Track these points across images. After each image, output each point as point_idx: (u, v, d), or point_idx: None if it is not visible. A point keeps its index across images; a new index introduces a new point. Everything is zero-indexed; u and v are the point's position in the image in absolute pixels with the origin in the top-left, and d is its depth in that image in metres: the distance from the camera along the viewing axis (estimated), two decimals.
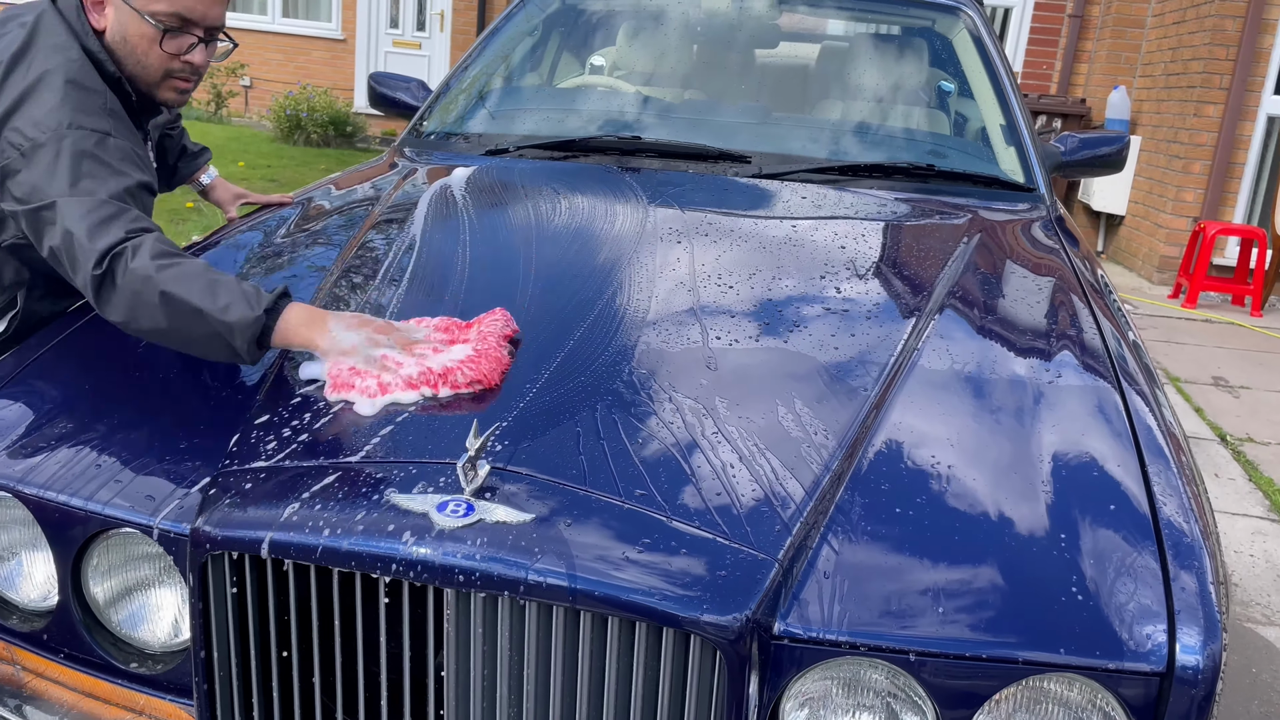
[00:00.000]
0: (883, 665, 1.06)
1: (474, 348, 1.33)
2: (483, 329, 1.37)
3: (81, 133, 1.47)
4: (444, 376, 1.29)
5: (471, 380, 1.29)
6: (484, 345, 1.34)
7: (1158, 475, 1.25)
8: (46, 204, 1.42)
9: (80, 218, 1.39)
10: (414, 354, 1.33)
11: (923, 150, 2.42)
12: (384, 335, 1.35)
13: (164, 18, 1.56)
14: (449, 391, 1.28)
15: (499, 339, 1.37)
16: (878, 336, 1.50)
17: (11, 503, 1.26)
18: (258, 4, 11.92)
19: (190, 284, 1.33)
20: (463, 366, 1.30)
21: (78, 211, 1.39)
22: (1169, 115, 7.25)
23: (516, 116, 2.60)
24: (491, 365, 1.31)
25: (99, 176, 1.44)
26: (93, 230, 1.38)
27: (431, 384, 1.29)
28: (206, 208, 6.58)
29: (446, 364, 1.30)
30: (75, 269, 1.39)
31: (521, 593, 1.04)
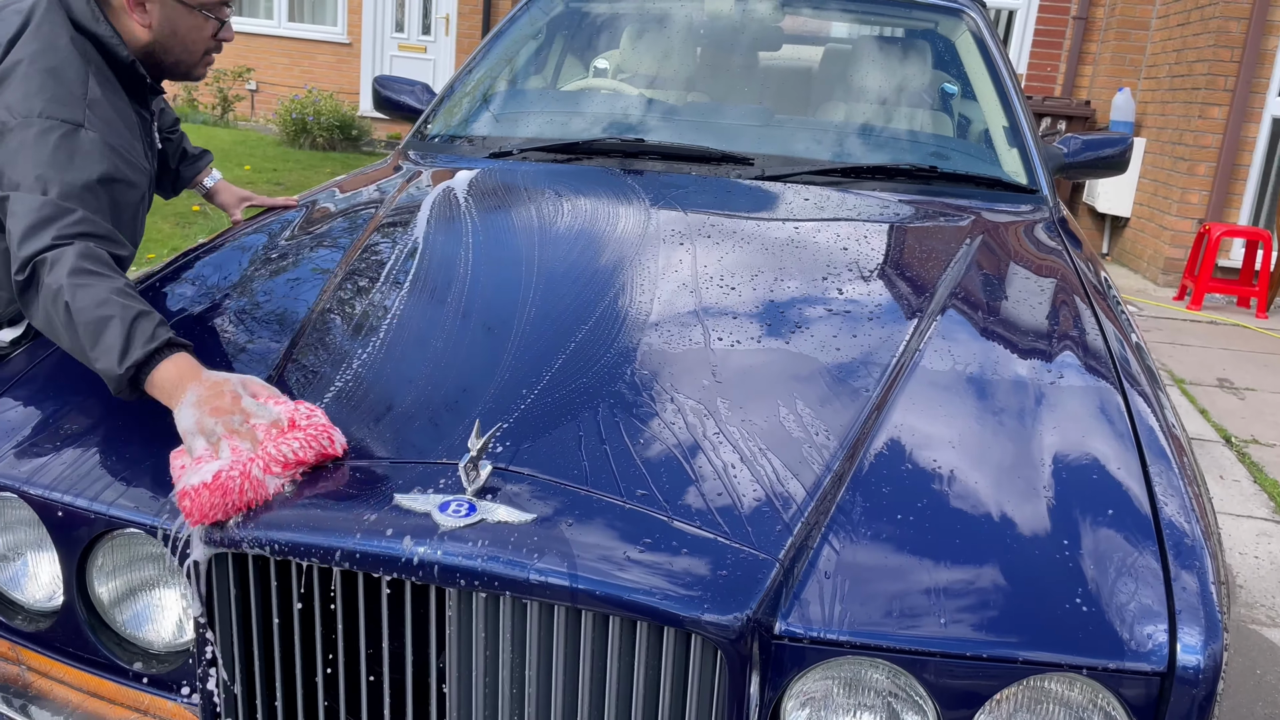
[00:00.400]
0: (883, 665, 1.06)
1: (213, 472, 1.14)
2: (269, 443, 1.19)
3: (51, 123, 1.46)
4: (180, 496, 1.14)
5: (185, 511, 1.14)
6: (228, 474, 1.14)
7: (1159, 476, 1.25)
8: (2, 196, 1.42)
9: (21, 216, 1.38)
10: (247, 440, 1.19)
11: (925, 152, 2.43)
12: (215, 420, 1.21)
13: (212, 7, 1.64)
14: None
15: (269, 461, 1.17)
16: (880, 338, 1.51)
17: (16, 503, 1.27)
18: (264, 8, 11.96)
19: (83, 314, 1.29)
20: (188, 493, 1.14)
21: (21, 209, 1.39)
22: (1173, 117, 7.24)
23: (520, 119, 2.61)
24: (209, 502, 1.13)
25: (59, 169, 1.42)
26: (26, 233, 1.36)
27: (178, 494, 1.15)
28: (213, 211, 6.61)
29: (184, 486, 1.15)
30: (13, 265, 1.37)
31: (523, 592, 1.05)
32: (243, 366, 1.43)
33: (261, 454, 1.16)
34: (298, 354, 1.44)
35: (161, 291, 1.69)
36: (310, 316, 1.55)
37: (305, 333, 1.50)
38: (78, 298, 1.30)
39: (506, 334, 1.46)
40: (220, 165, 8.44)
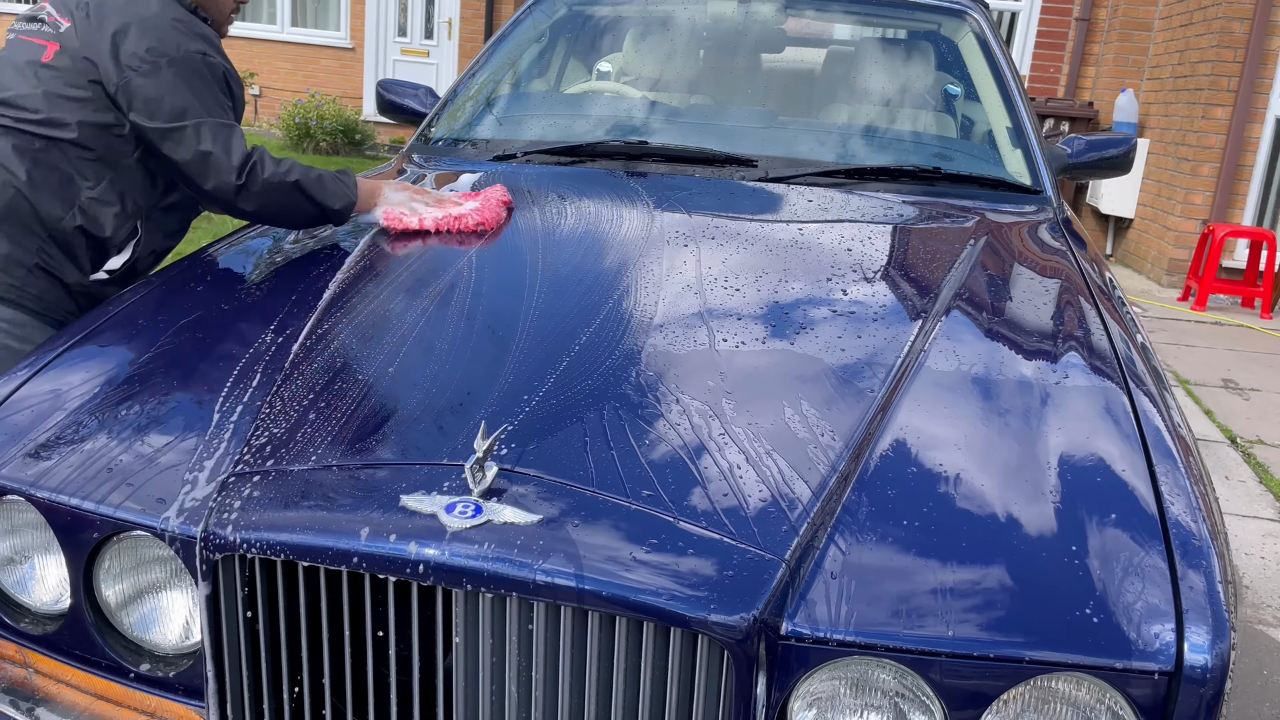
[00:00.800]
0: (890, 665, 1.06)
1: (480, 203, 1.91)
2: (486, 195, 1.95)
3: (192, 55, 1.80)
4: (458, 220, 1.88)
5: (477, 223, 1.87)
6: (486, 203, 1.92)
7: (1165, 475, 1.24)
8: (178, 125, 1.77)
9: (212, 138, 1.78)
10: (440, 207, 1.92)
11: (929, 153, 2.43)
12: (419, 195, 1.95)
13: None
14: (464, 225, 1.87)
15: (498, 202, 1.94)
16: (884, 338, 1.51)
17: (24, 506, 1.28)
18: (267, 14, 11.98)
19: (305, 182, 1.85)
20: (472, 214, 1.89)
21: (209, 133, 1.78)
22: (1177, 118, 7.23)
23: (524, 122, 2.61)
24: (493, 214, 1.90)
25: (211, 94, 1.81)
26: (226, 148, 1.79)
27: (449, 226, 1.88)
28: (217, 216, 6.61)
29: (461, 212, 1.89)
30: (209, 179, 1.79)
31: (530, 593, 1.05)
32: (248, 370, 1.43)
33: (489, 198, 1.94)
34: (303, 357, 1.44)
35: (168, 294, 1.69)
36: (314, 322, 1.55)
37: (311, 336, 1.50)
38: (295, 177, 1.85)
39: (511, 336, 1.46)
40: None
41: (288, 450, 1.23)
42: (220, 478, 1.22)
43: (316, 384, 1.37)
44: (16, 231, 1.80)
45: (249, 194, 1.81)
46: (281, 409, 1.32)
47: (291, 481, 1.18)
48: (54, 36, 1.82)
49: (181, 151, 1.78)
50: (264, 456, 1.23)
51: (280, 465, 1.21)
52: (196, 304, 1.65)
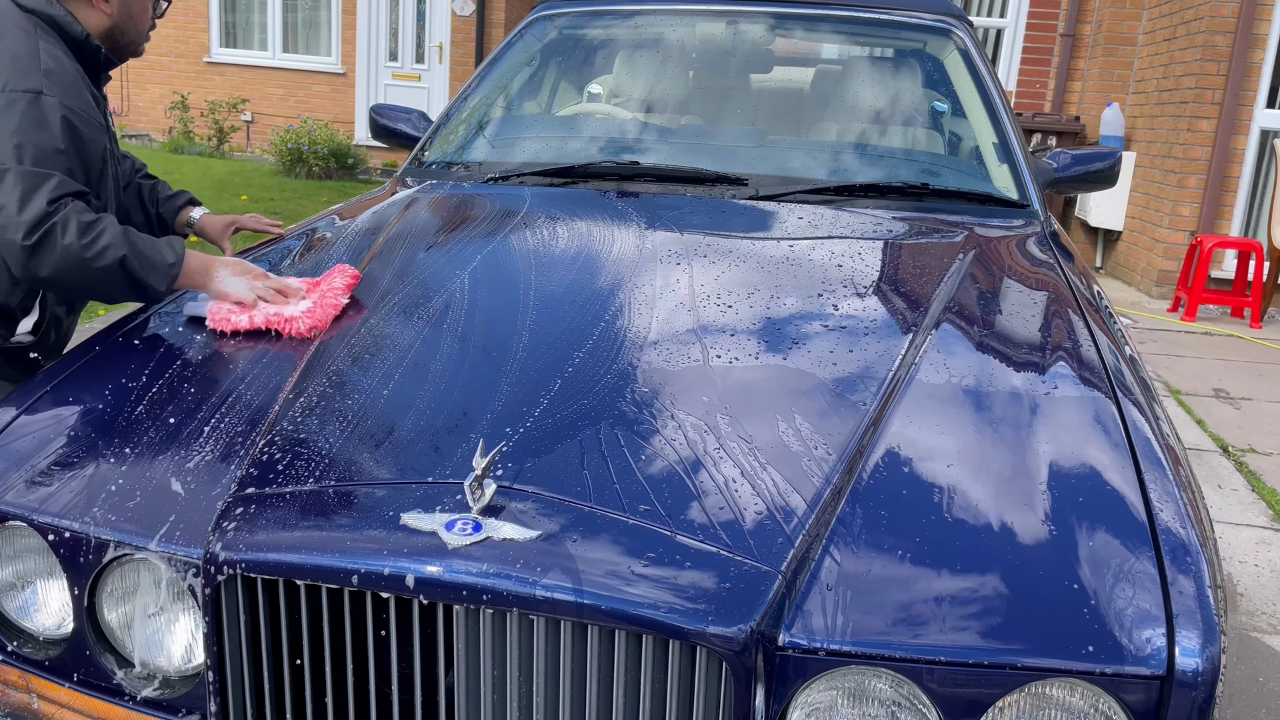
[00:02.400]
0: (887, 674, 1.07)
1: (314, 300, 1.67)
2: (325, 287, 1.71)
3: (14, 94, 1.59)
4: (289, 323, 1.62)
5: (310, 327, 1.61)
6: (322, 297, 1.67)
7: (1154, 483, 1.26)
8: None
9: (10, 188, 1.53)
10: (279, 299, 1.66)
11: (917, 169, 2.46)
12: (260, 281, 1.68)
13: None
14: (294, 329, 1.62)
15: (337, 293, 1.69)
16: (876, 352, 1.53)
17: (26, 532, 1.29)
18: (258, 40, 12.05)
19: (115, 257, 1.57)
20: (303, 316, 1.63)
21: (8, 182, 1.54)
22: (1163, 131, 7.30)
23: (516, 144, 2.64)
24: (325, 313, 1.64)
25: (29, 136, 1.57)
26: (22, 201, 1.53)
27: (279, 326, 1.62)
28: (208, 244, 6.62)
29: (292, 314, 1.63)
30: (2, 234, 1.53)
31: (530, 608, 1.06)
32: (247, 393, 1.45)
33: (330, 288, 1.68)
34: (302, 381, 1.46)
35: (166, 319, 1.71)
36: (313, 344, 1.57)
37: (308, 361, 1.52)
38: (105, 246, 1.56)
39: (507, 356, 1.48)
40: (217, 196, 8.48)
41: (288, 472, 1.25)
42: (221, 500, 1.23)
43: (316, 406, 1.39)
44: None
45: (39, 260, 1.54)
46: (281, 431, 1.33)
47: (292, 502, 1.19)
48: None
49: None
50: (264, 478, 1.24)
51: (280, 487, 1.22)
52: (195, 328, 1.66)
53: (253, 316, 1.62)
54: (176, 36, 12.19)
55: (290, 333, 1.60)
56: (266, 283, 1.68)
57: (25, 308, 1.77)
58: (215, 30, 12.11)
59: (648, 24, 2.89)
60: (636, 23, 2.90)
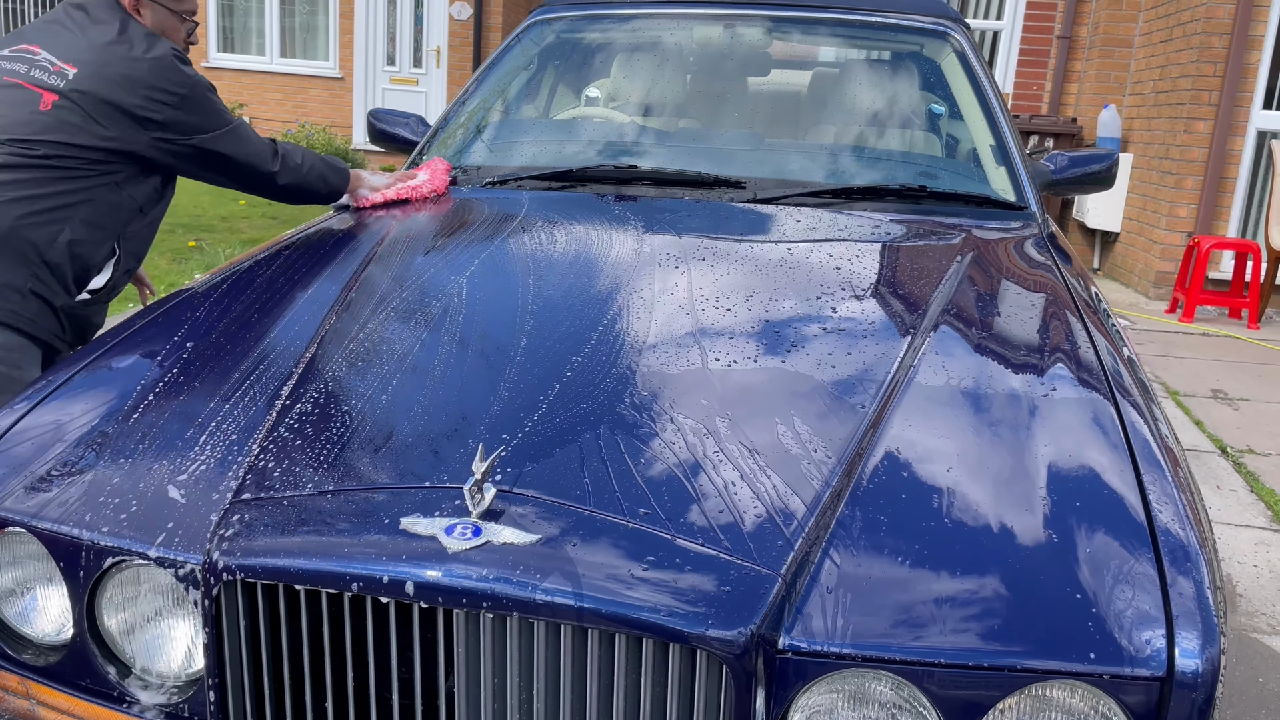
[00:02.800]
0: (887, 676, 1.07)
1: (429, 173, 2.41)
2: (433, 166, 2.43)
3: (203, 83, 2.08)
4: (414, 189, 2.35)
5: (431, 190, 2.37)
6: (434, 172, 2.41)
7: (1153, 485, 1.26)
8: (225, 130, 2.10)
9: (249, 137, 2.15)
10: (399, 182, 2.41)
11: (914, 172, 2.46)
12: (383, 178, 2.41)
13: (190, 13, 2.21)
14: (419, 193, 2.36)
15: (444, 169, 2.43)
16: (874, 355, 1.53)
17: (26, 538, 1.29)
18: (255, 45, 12.06)
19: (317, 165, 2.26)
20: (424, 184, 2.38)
21: (245, 134, 2.14)
22: (1160, 132, 7.32)
23: (514, 149, 2.64)
24: (440, 180, 2.40)
25: (222, 104, 2.12)
26: (259, 144, 2.17)
27: (408, 195, 2.35)
28: (209, 247, 6.63)
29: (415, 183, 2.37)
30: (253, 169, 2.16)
31: (530, 612, 1.06)
32: (247, 398, 1.45)
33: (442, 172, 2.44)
34: (301, 386, 1.46)
35: (164, 325, 1.71)
36: (311, 350, 1.57)
37: (307, 366, 1.52)
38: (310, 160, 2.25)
39: (507, 360, 1.48)
40: (215, 200, 8.49)
41: (287, 477, 1.25)
42: (221, 505, 1.23)
43: (314, 411, 1.39)
44: (12, 259, 1.94)
45: (281, 179, 2.19)
46: (280, 436, 1.33)
47: (291, 507, 1.19)
48: (54, 86, 1.98)
49: (227, 148, 2.11)
50: (264, 483, 1.24)
51: (280, 492, 1.22)
52: (193, 334, 1.66)
53: (384, 193, 2.34)
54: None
55: (417, 196, 2.34)
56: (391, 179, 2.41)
57: (101, 267, 2.10)
58: (213, 35, 12.11)
59: (645, 27, 2.90)
60: (634, 26, 2.91)
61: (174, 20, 2.16)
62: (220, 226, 7.30)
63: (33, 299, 1.98)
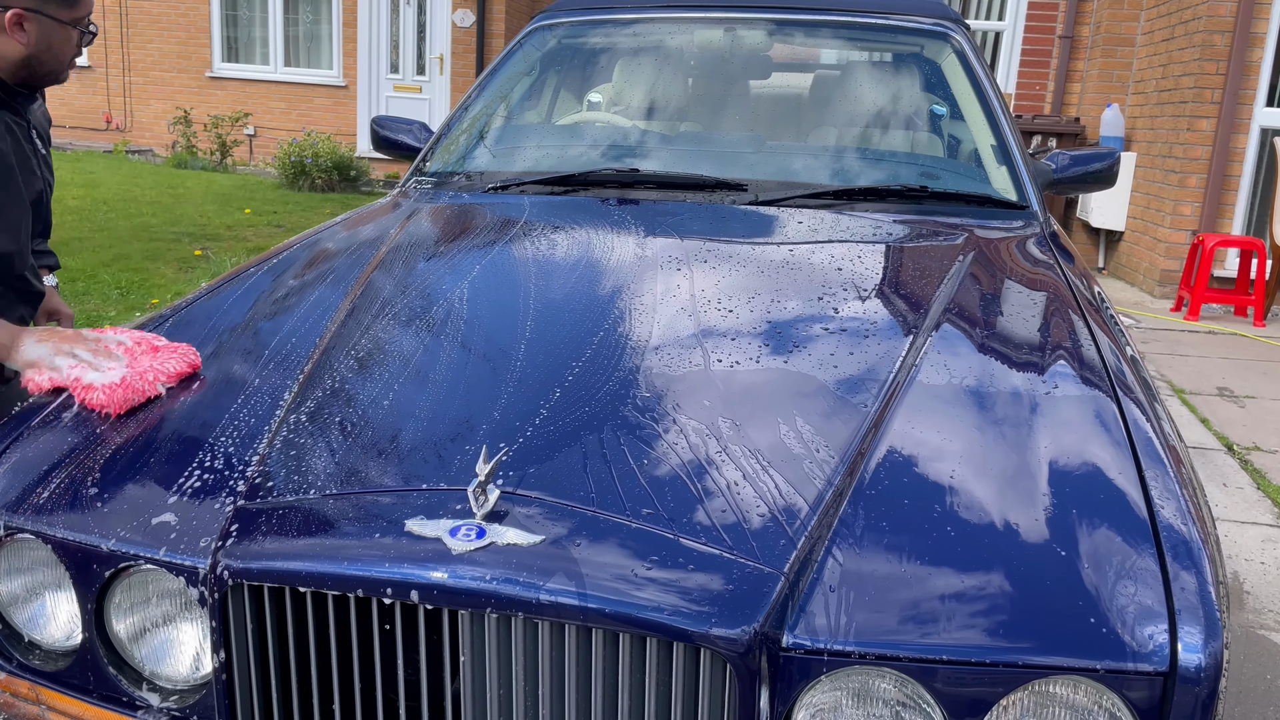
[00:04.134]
0: (891, 674, 1.08)
1: (121, 376, 1.48)
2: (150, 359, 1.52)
3: None
4: (85, 391, 1.47)
5: (101, 405, 1.45)
6: (133, 377, 1.48)
7: (1155, 481, 1.27)
8: None
9: None
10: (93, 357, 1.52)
11: (916, 172, 2.47)
12: (68, 345, 1.55)
13: (82, 21, 1.83)
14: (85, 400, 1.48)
15: (158, 374, 1.50)
16: (877, 354, 1.53)
17: (35, 544, 1.30)
18: (260, 55, 12.11)
19: None
20: (100, 390, 1.46)
21: None
22: (1163, 131, 7.31)
23: (517, 154, 2.65)
24: (125, 397, 1.46)
25: None
26: None
27: (77, 394, 1.48)
28: (214, 256, 6.66)
29: (91, 382, 1.47)
30: None
31: (535, 613, 1.07)
32: (253, 402, 1.46)
33: (153, 366, 1.49)
34: (306, 390, 1.47)
35: (166, 333, 1.72)
36: (316, 354, 1.58)
37: (312, 370, 1.53)
38: None
39: (510, 363, 1.49)
40: (221, 209, 8.52)
41: (292, 480, 1.25)
42: (228, 509, 1.24)
43: (319, 415, 1.40)
44: None
45: None
46: (285, 440, 1.34)
47: (297, 511, 1.20)
48: None
49: None
50: (269, 487, 1.25)
51: (286, 495, 1.23)
52: (198, 340, 1.67)
53: (54, 378, 1.51)
54: (179, 52, 12.26)
55: (85, 402, 1.46)
56: (75, 345, 1.55)
57: None
58: (217, 45, 12.17)
59: (646, 32, 2.91)
60: (635, 31, 2.92)
61: (64, 33, 1.80)
62: (226, 235, 7.33)
63: None
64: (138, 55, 12.40)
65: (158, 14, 12.24)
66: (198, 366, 1.55)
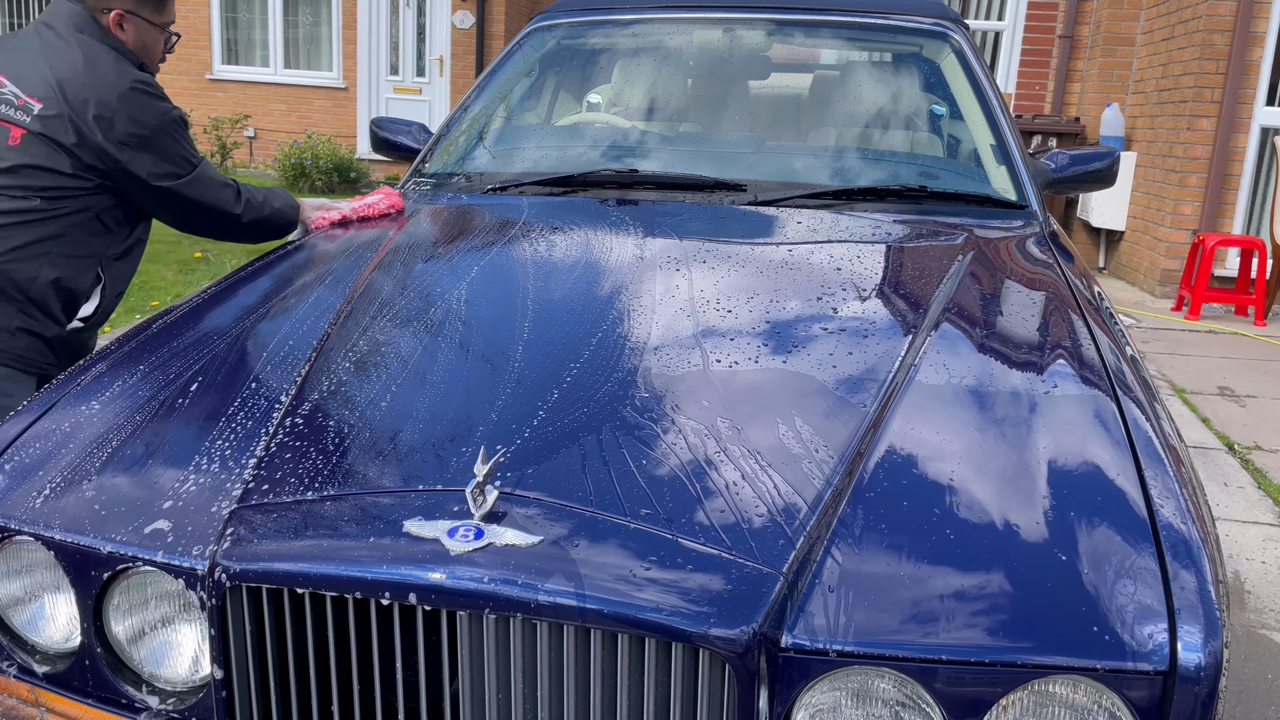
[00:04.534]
0: (890, 674, 1.07)
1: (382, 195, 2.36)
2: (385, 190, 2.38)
3: (167, 117, 2.05)
4: (370, 207, 2.32)
5: (388, 206, 2.33)
6: (388, 194, 2.36)
7: (1154, 480, 1.26)
8: (184, 178, 2.08)
9: (211, 180, 2.13)
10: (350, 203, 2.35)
11: (915, 172, 2.46)
12: (331, 202, 2.35)
13: (168, 25, 2.19)
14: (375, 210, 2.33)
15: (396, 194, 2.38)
16: (875, 354, 1.53)
17: (33, 546, 1.29)
18: (260, 57, 12.11)
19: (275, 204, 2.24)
20: (380, 201, 2.34)
21: (207, 177, 2.12)
22: (1163, 130, 7.31)
23: (516, 155, 2.65)
24: (393, 200, 2.35)
25: (188, 142, 2.11)
26: (222, 186, 2.14)
27: (363, 213, 2.32)
28: (215, 258, 6.66)
29: (371, 201, 2.33)
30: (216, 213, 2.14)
31: (533, 613, 1.07)
32: (251, 404, 1.46)
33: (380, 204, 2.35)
34: (304, 392, 1.47)
35: (169, 334, 1.72)
36: (314, 356, 1.57)
37: (310, 371, 1.52)
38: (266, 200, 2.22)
39: (508, 364, 1.49)
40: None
41: (291, 482, 1.25)
42: (226, 511, 1.24)
43: (317, 416, 1.39)
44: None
45: (244, 221, 2.18)
46: (283, 442, 1.34)
47: (295, 512, 1.20)
48: (21, 121, 1.98)
49: (193, 192, 2.10)
50: (268, 488, 1.25)
51: (284, 497, 1.23)
52: (197, 343, 1.67)
53: (340, 211, 2.29)
54: (179, 54, 12.24)
55: (374, 214, 2.30)
56: (337, 201, 2.34)
57: (89, 294, 2.10)
58: (217, 47, 12.17)
59: (645, 33, 2.91)
60: (634, 31, 2.92)
61: (155, 33, 2.15)
62: None
63: (21, 335, 2.01)
64: None
65: None
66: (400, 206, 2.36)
